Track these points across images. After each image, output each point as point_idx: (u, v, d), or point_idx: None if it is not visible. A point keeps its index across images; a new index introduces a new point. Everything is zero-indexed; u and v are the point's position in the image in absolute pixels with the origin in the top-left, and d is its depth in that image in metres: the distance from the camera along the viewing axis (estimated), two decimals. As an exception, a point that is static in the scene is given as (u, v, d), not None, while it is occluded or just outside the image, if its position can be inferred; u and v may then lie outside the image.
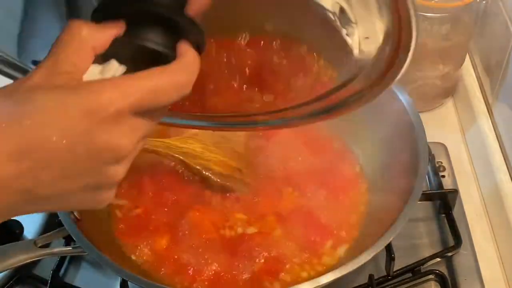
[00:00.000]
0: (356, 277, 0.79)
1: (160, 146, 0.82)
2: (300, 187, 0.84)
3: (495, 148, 0.91)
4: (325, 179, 0.85)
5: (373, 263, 0.80)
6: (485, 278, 0.80)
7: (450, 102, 1.03)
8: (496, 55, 0.95)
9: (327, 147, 0.89)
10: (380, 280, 0.78)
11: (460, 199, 0.87)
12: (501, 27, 0.93)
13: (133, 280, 0.68)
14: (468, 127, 0.98)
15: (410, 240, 0.83)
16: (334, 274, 0.67)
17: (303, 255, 0.77)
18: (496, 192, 0.86)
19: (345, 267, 0.67)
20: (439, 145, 0.94)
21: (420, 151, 0.76)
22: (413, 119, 0.79)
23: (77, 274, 0.82)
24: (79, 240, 0.69)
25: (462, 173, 0.93)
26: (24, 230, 0.84)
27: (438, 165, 0.91)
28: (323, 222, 0.80)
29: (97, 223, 0.77)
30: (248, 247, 0.77)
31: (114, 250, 0.76)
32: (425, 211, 0.87)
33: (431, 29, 0.90)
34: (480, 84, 1.00)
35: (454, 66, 0.96)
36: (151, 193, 0.83)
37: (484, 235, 0.86)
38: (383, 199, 0.80)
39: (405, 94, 0.82)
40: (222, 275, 0.75)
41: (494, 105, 0.95)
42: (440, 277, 0.79)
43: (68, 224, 0.71)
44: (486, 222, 0.88)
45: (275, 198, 0.83)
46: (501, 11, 0.93)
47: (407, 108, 0.80)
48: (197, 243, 0.78)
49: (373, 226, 0.77)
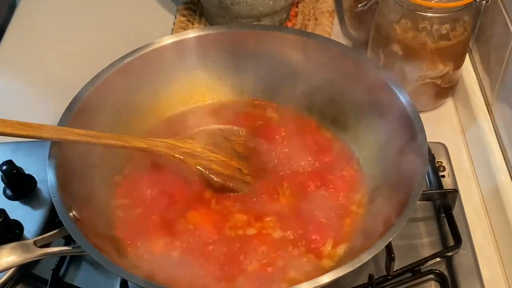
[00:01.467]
0: (356, 277, 0.79)
1: (160, 146, 0.82)
2: (300, 187, 0.84)
3: (495, 148, 0.91)
4: (325, 178, 0.85)
5: (373, 263, 0.80)
6: (485, 278, 0.80)
7: (450, 102, 1.03)
8: (496, 55, 0.95)
9: (327, 147, 0.89)
10: (380, 280, 0.78)
11: (460, 199, 0.87)
12: (501, 27, 0.93)
13: (133, 280, 0.68)
14: (468, 127, 0.98)
15: (410, 240, 0.83)
16: (334, 274, 0.67)
17: (303, 254, 0.77)
18: (496, 191, 0.86)
19: (345, 267, 0.67)
20: (439, 145, 0.94)
21: (420, 151, 0.76)
22: (413, 119, 0.79)
23: (77, 274, 0.82)
24: (79, 240, 0.69)
25: (462, 173, 0.93)
26: (24, 230, 0.84)
27: (438, 165, 0.91)
28: (323, 221, 0.80)
29: (97, 223, 0.77)
30: (248, 247, 0.77)
31: (114, 250, 0.76)
32: (425, 211, 0.87)
33: (431, 29, 0.90)
34: (480, 84, 1.00)
35: (454, 66, 0.96)
36: (151, 193, 0.83)
37: (484, 235, 0.86)
38: (383, 198, 0.80)
39: (405, 94, 0.82)
40: (222, 275, 0.75)
41: (494, 105, 0.95)
42: (440, 277, 0.79)
43: (68, 224, 0.71)
44: (486, 222, 0.88)
45: (274, 198, 0.83)
46: (501, 11, 0.93)
47: (408, 108, 0.80)
48: (198, 243, 0.78)
49: (373, 226, 0.77)
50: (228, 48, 0.93)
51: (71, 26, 1.19)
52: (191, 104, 0.95)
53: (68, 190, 0.75)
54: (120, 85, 0.87)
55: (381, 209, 0.79)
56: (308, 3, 1.19)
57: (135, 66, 0.89)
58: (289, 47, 0.91)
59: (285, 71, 0.93)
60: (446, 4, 0.88)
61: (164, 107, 0.93)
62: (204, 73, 0.94)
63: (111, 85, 0.86)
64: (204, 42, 0.92)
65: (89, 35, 1.17)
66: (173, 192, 0.83)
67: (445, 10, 0.89)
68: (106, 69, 0.87)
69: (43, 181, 0.89)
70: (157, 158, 0.84)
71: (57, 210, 0.72)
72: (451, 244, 0.82)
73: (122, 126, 0.85)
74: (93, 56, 1.12)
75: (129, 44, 0.90)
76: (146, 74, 0.90)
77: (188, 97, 0.95)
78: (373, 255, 0.68)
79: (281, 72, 0.93)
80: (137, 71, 0.89)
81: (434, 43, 0.92)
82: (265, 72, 0.93)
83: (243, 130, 0.89)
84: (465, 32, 0.93)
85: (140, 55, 0.89)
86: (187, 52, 0.92)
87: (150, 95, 0.91)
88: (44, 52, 1.14)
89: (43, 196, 0.88)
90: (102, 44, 1.14)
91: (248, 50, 0.93)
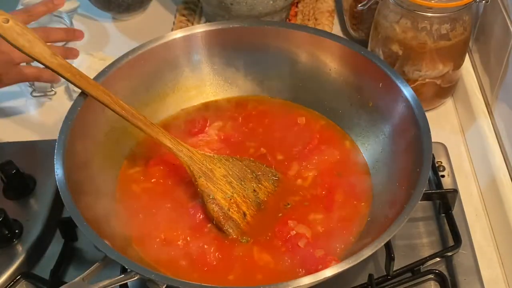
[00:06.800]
0: (356, 277, 0.79)
1: (184, 152, 0.82)
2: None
3: (495, 148, 0.91)
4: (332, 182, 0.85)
5: (373, 263, 0.81)
6: (485, 278, 0.80)
7: (450, 102, 1.03)
8: (496, 55, 0.95)
9: (335, 145, 0.89)
10: (380, 280, 0.78)
11: (459, 199, 0.87)
12: (501, 27, 0.93)
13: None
14: (468, 127, 0.98)
15: (410, 240, 0.83)
16: (335, 269, 0.67)
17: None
18: (496, 191, 0.86)
19: (345, 262, 0.67)
20: (439, 145, 0.94)
21: (424, 150, 0.76)
22: (418, 116, 0.80)
23: (77, 274, 0.81)
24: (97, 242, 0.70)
25: (462, 173, 0.93)
26: (23, 230, 0.84)
27: (438, 165, 0.91)
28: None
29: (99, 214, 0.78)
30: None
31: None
32: (425, 211, 0.87)
33: (431, 29, 0.90)
34: (480, 84, 1.00)
35: (454, 66, 0.96)
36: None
37: (484, 235, 0.86)
38: (386, 195, 0.80)
39: (411, 90, 0.82)
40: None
41: (494, 105, 0.95)
42: (439, 276, 0.79)
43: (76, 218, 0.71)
44: (485, 221, 0.88)
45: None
46: (501, 11, 0.93)
47: (413, 106, 0.81)
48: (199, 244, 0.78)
49: (375, 222, 0.78)
50: (237, 44, 0.93)
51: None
52: (194, 100, 0.95)
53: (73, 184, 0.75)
54: (122, 85, 0.88)
55: (384, 206, 0.79)
56: (308, 3, 1.19)
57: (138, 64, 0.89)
58: (297, 44, 0.92)
59: (294, 69, 0.93)
60: (446, 4, 0.88)
61: (166, 102, 0.94)
62: (209, 68, 0.95)
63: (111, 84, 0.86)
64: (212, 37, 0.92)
65: (89, 35, 1.16)
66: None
67: (445, 10, 0.89)
68: (108, 67, 0.87)
69: (43, 181, 0.89)
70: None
71: (65, 204, 0.72)
72: (450, 244, 0.82)
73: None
74: (93, 56, 1.13)
75: (129, 43, 0.90)
76: (150, 71, 0.91)
77: (192, 92, 0.95)
78: (374, 251, 0.68)
79: (290, 70, 0.94)
80: (141, 68, 0.90)
81: (434, 43, 0.92)
82: (278, 69, 0.94)
83: (278, 174, 0.85)
84: (465, 32, 0.93)
85: (142, 52, 0.89)
86: (194, 47, 0.93)
87: (152, 93, 0.92)
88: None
89: (43, 196, 0.88)
90: (102, 44, 1.15)
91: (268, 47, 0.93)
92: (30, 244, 0.83)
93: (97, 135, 0.84)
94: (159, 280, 0.67)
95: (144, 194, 0.84)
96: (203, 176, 0.81)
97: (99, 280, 0.69)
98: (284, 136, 0.90)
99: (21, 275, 0.81)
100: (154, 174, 0.85)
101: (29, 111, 1.04)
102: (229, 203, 0.81)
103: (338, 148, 0.88)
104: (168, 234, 0.79)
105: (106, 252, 0.69)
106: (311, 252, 0.76)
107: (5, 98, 1.06)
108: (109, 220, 0.78)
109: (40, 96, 1.04)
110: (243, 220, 0.80)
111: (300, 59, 0.93)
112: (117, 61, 0.87)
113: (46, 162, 0.86)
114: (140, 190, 0.84)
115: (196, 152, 0.82)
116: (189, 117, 0.93)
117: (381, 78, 0.85)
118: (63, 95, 1.05)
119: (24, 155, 0.92)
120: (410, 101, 0.81)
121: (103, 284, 0.69)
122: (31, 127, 1.01)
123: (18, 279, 0.81)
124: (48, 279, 0.79)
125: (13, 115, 1.04)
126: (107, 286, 0.69)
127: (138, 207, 0.82)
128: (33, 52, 0.78)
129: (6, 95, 1.05)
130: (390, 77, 0.84)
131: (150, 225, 0.80)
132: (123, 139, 0.87)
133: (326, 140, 0.89)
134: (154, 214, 0.81)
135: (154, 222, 0.80)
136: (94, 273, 0.71)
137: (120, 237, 0.77)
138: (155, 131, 0.81)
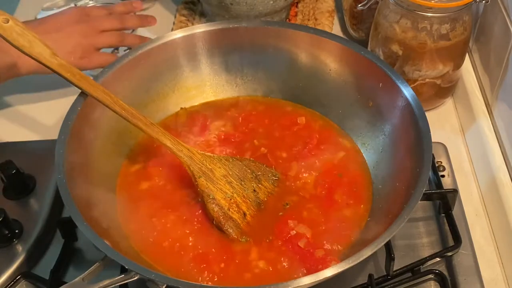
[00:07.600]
0: (356, 277, 0.79)
1: (184, 151, 0.81)
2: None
3: (495, 148, 0.91)
4: (332, 182, 0.85)
5: (373, 263, 0.81)
6: (485, 278, 0.80)
7: (450, 102, 1.03)
8: (496, 55, 0.95)
9: (335, 145, 0.89)
10: (380, 280, 0.78)
11: (459, 199, 0.87)
12: (501, 27, 0.93)
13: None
14: (468, 127, 0.98)
15: (410, 240, 0.84)
16: (335, 269, 0.67)
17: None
18: (496, 191, 0.86)
19: (345, 262, 0.67)
20: (439, 145, 0.94)
21: (424, 150, 0.76)
22: (418, 116, 0.80)
23: (77, 274, 0.81)
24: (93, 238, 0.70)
25: (461, 173, 0.93)
26: (23, 229, 0.84)
27: (438, 165, 0.91)
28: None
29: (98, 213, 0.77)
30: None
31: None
32: (425, 211, 0.87)
33: (431, 29, 0.90)
34: (480, 84, 1.00)
35: (454, 66, 0.96)
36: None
37: (484, 235, 0.86)
38: (386, 195, 0.81)
39: (411, 90, 0.82)
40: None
41: (493, 105, 0.95)
42: (439, 276, 0.79)
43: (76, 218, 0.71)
44: (485, 221, 0.88)
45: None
46: (501, 11, 0.93)
47: (413, 106, 0.81)
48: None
49: (375, 222, 0.78)
50: (237, 44, 0.93)
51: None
52: (194, 100, 0.96)
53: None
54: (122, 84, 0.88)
55: (384, 205, 0.79)
56: (308, 3, 1.19)
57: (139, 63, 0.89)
58: (297, 44, 0.92)
59: (294, 69, 0.93)
60: (446, 4, 0.88)
61: (166, 103, 0.94)
62: (209, 68, 0.95)
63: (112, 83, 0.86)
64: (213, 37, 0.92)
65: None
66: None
67: (445, 10, 0.89)
68: (108, 68, 0.87)
69: (43, 181, 0.89)
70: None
71: (64, 202, 0.72)
72: (450, 244, 0.82)
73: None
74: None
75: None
76: (150, 71, 0.91)
77: (192, 92, 0.95)
78: (374, 251, 0.68)
79: (290, 70, 0.94)
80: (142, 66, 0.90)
81: (434, 43, 0.92)
82: (279, 70, 0.94)
83: (278, 174, 0.85)
84: (465, 32, 0.93)
85: (142, 52, 0.89)
86: (194, 47, 0.93)
87: (152, 93, 0.92)
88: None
89: (43, 196, 0.88)
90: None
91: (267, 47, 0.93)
92: (30, 244, 0.83)
93: (97, 135, 0.84)
94: (159, 280, 0.67)
95: (144, 194, 0.84)
96: (203, 176, 0.81)
97: (99, 280, 0.69)
98: (284, 136, 0.90)
99: (21, 275, 0.81)
100: (154, 174, 0.86)
101: (30, 111, 1.04)
102: (229, 203, 0.81)
103: (338, 148, 0.88)
104: (168, 234, 0.79)
105: (106, 252, 0.69)
106: (311, 252, 0.76)
107: (5, 98, 1.06)
108: (109, 220, 0.78)
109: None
110: (243, 220, 0.80)
111: (300, 59, 0.93)
112: (117, 61, 0.87)
113: (46, 162, 0.86)
114: (140, 190, 0.84)
115: (196, 152, 0.82)
116: (189, 117, 0.93)
117: (381, 78, 0.85)
118: (63, 95, 1.05)
119: (24, 155, 0.92)
120: (410, 101, 0.81)
121: (103, 284, 0.69)
122: (31, 127, 1.01)
123: (18, 279, 0.81)
124: (48, 279, 0.79)
125: (13, 115, 1.04)
126: (107, 286, 0.69)
127: (138, 207, 0.82)
128: (33, 52, 0.78)
129: (6, 95, 1.05)
130: (390, 77, 0.84)
131: (150, 225, 0.80)
132: (123, 139, 0.87)
133: (326, 140, 0.89)
134: (154, 214, 0.81)
135: (154, 222, 0.80)
136: (94, 273, 0.70)
137: (120, 237, 0.77)
138: (155, 131, 0.81)
